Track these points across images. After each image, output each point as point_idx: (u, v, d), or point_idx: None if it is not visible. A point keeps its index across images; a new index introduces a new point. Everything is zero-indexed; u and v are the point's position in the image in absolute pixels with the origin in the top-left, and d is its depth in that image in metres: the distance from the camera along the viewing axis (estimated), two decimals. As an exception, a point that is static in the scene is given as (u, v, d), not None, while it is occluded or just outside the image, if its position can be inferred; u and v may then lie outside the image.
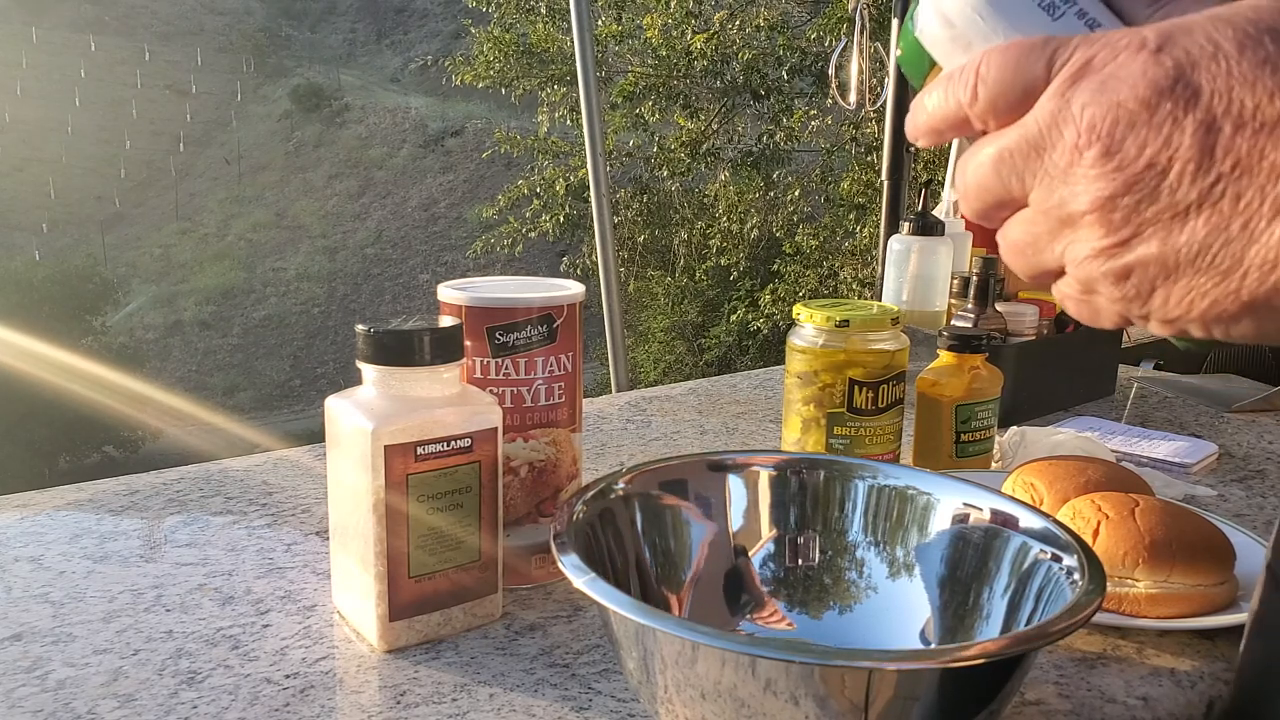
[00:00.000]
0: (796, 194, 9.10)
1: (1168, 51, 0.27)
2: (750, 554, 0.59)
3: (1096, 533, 0.60)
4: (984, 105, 0.31)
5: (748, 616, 0.58)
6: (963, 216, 1.16)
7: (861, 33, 1.30)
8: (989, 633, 0.51)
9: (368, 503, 0.55)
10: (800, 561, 0.59)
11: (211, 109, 37.32)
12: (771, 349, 9.20)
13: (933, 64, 0.34)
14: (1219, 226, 0.27)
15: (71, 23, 39.87)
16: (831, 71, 1.34)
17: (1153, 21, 0.29)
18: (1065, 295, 0.32)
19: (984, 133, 0.32)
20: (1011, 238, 0.32)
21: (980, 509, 0.55)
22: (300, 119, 35.46)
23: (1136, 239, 0.28)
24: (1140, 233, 0.28)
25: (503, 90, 9.49)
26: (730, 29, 8.40)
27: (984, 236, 1.15)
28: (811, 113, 8.73)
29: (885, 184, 1.29)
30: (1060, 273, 0.32)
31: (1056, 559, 0.49)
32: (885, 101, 1.27)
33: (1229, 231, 0.27)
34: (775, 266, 8.84)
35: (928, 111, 0.33)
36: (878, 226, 1.33)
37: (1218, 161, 0.27)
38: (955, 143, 1.11)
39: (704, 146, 8.84)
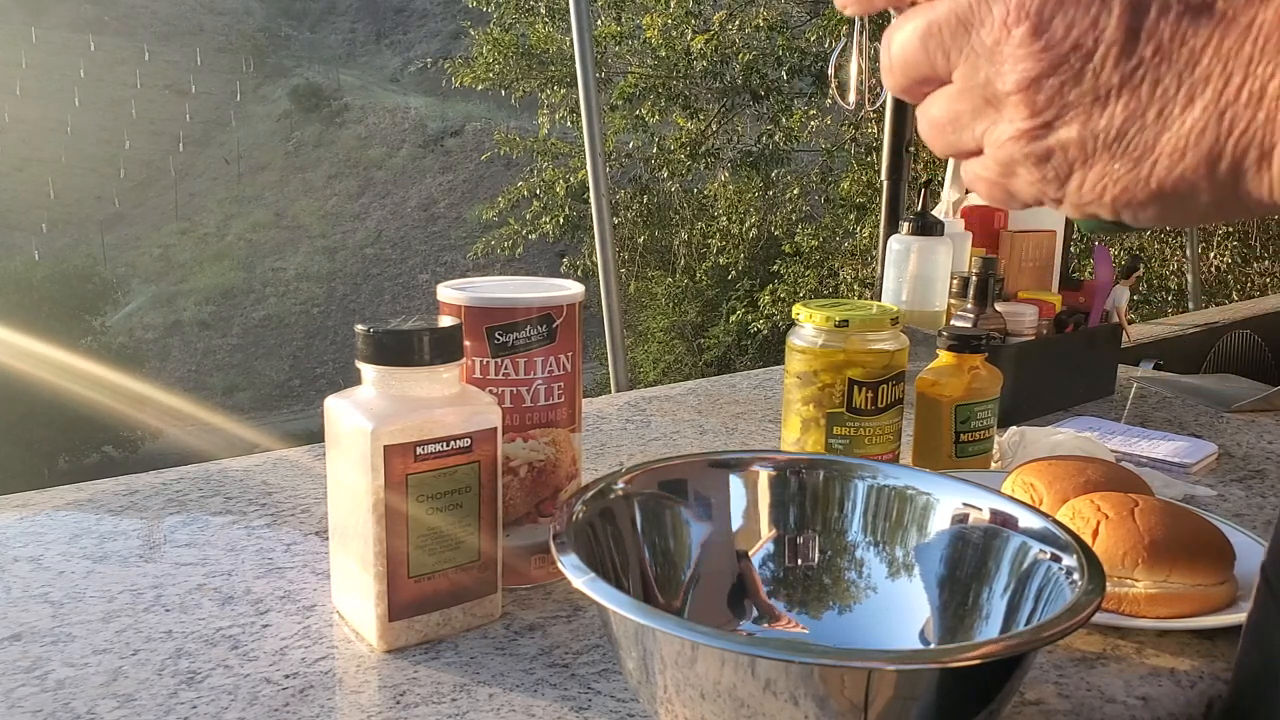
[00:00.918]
0: (796, 194, 9.10)
1: None
2: (750, 554, 0.59)
3: (1096, 533, 0.60)
4: None
5: (747, 617, 0.58)
6: (963, 216, 1.16)
7: (861, 32, 1.30)
8: (988, 633, 0.51)
9: (367, 503, 0.55)
10: (800, 561, 0.59)
11: (211, 109, 37.32)
12: (771, 349, 9.20)
13: None
14: (1136, 112, 0.27)
15: (71, 23, 39.87)
16: (831, 71, 1.34)
17: None
18: (979, 176, 0.32)
19: (913, 3, 0.32)
20: (932, 114, 0.32)
21: (980, 509, 0.55)
22: (300, 119, 35.47)
23: (1059, 121, 0.29)
24: (1062, 115, 0.28)
25: (502, 91, 9.49)
26: (730, 29, 8.40)
27: (984, 237, 1.15)
28: (811, 113, 8.72)
29: (885, 184, 1.29)
30: (978, 152, 0.32)
31: (1056, 559, 0.49)
32: (885, 101, 1.26)
33: (1145, 118, 0.27)
34: (775, 267, 8.83)
35: None
36: (877, 226, 1.33)
37: (1140, 45, 0.27)
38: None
39: (703, 147, 8.84)
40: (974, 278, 1.03)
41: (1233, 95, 0.26)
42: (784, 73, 8.35)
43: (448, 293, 0.63)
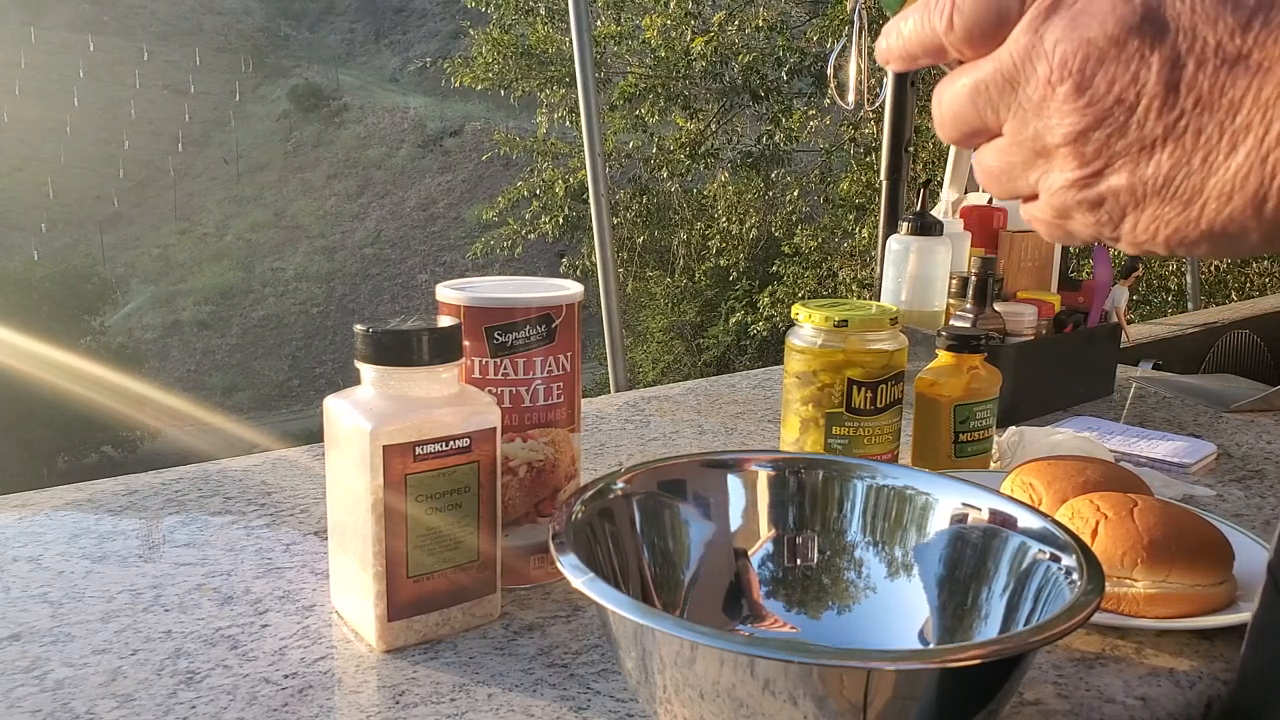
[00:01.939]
0: (795, 194, 9.10)
1: None
2: (749, 554, 0.59)
3: (1095, 533, 0.60)
4: (960, 34, 0.32)
5: (746, 617, 0.58)
6: (962, 216, 1.16)
7: (860, 33, 1.30)
8: (988, 633, 0.51)
9: (366, 503, 0.55)
10: (799, 561, 0.59)
11: (210, 109, 37.30)
12: (770, 349, 9.20)
13: None
14: (1181, 160, 0.28)
15: (70, 22, 39.85)
16: (830, 72, 1.34)
17: None
18: (1038, 219, 0.33)
19: (959, 62, 0.33)
20: (986, 164, 0.34)
21: (979, 509, 0.55)
22: (299, 119, 35.45)
23: (1108, 169, 0.30)
24: (1111, 164, 0.30)
25: (501, 92, 9.49)
26: (729, 30, 8.40)
27: (983, 236, 1.15)
28: (810, 113, 8.72)
29: (884, 184, 1.29)
30: (1034, 197, 0.33)
31: (1055, 559, 0.49)
32: (884, 102, 1.26)
33: (1190, 165, 0.28)
34: (774, 267, 8.83)
35: (903, 37, 0.34)
36: (876, 227, 1.33)
37: (1181, 97, 0.28)
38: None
39: (703, 147, 8.84)
40: (973, 278, 1.03)
41: (1274, 141, 0.27)
42: (783, 73, 8.35)
43: (447, 293, 0.63)
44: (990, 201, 1.16)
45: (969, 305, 1.03)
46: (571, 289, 0.64)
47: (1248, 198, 0.28)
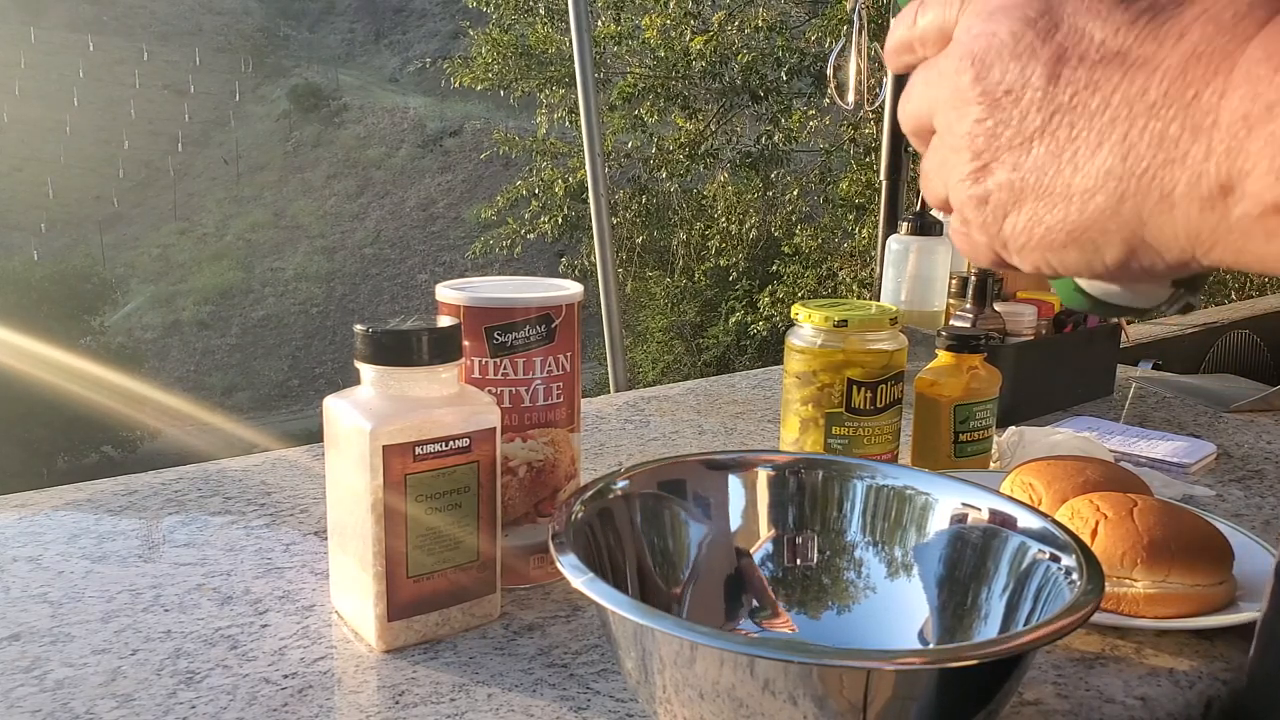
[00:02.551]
0: (795, 194, 9.10)
1: None
2: (750, 553, 0.59)
3: (1095, 532, 0.60)
4: (919, 31, 0.33)
5: (746, 616, 0.58)
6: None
7: (860, 32, 1.30)
8: (987, 633, 0.51)
9: (366, 503, 0.55)
10: (799, 561, 0.59)
11: (210, 109, 37.30)
12: (770, 349, 9.19)
13: None
14: (1054, 154, 0.28)
15: (70, 22, 39.85)
16: (830, 71, 1.34)
17: None
18: (955, 230, 0.33)
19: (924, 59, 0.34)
20: (924, 166, 0.34)
21: (979, 509, 0.55)
22: (299, 119, 35.44)
23: (994, 163, 0.30)
24: (997, 158, 0.30)
25: (501, 92, 9.49)
26: (729, 30, 8.39)
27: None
28: (810, 113, 8.72)
29: (883, 184, 1.29)
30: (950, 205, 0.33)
31: (1055, 559, 0.49)
32: (883, 102, 1.26)
33: (1060, 159, 0.28)
34: (774, 267, 8.83)
35: (894, 36, 0.34)
36: (876, 227, 1.33)
37: (1059, 91, 0.28)
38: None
39: (702, 147, 8.84)
40: (973, 278, 1.03)
41: (1136, 137, 0.27)
42: (783, 73, 8.35)
43: (446, 292, 0.63)
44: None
45: (969, 305, 1.03)
46: (571, 289, 0.64)
47: (1109, 196, 0.27)
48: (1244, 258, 0.26)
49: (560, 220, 8.77)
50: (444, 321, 0.58)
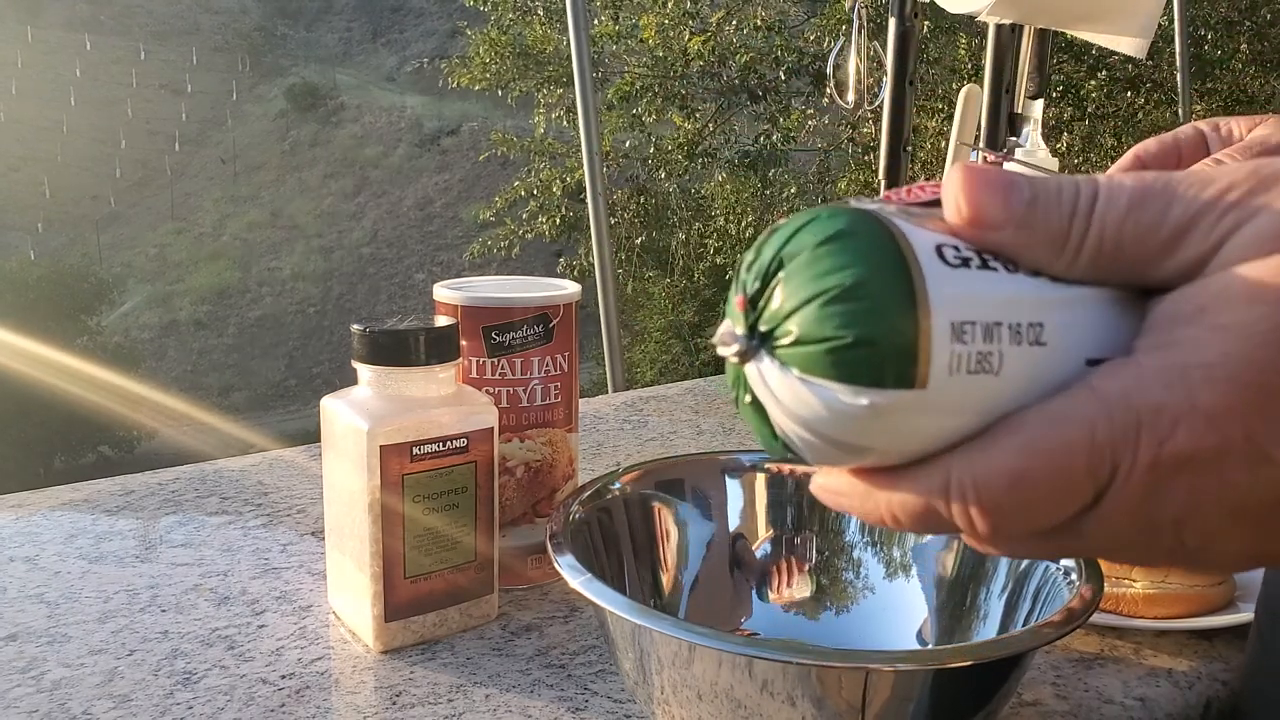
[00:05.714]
0: (793, 194, 9.10)
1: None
2: (743, 536, 0.59)
3: (1093, 533, 0.60)
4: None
5: (745, 617, 0.58)
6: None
7: (859, 32, 1.30)
8: (986, 633, 0.51)
9: (363, 503, 0.55)
10: (797, 561, 0.59)
11: (207, 108, 37.27)
12: (768, 349, 9.18)
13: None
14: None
15: (67, 22, 39.81)
16: (829, 71, 1.34)
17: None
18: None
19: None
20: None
21: (977, 509, 0.55)
22: (296, 118, 35.43)
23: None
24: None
25: (499, 91, 9.48)
26: (727, 29, 8.40)
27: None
28: (808, 113, 8.72)
29: (882, 184, 1.29)
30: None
31: (1053, 559, 0.49)
32: (882, 101, 1.26)
33: None
34: (772, 266, 8.82)
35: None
36: (874, 226, 1.33)
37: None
38: (951, 141, 1.11)
39: (701, 147, 8.83)
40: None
41: None
42: (781, 73, 8.35)
43: (444, 292, 0.63)
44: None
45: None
46: (569, 289, 0.64)
47: None
48: None
49: (558, 220, 8.77)
50: (441, 321, 0.58)
